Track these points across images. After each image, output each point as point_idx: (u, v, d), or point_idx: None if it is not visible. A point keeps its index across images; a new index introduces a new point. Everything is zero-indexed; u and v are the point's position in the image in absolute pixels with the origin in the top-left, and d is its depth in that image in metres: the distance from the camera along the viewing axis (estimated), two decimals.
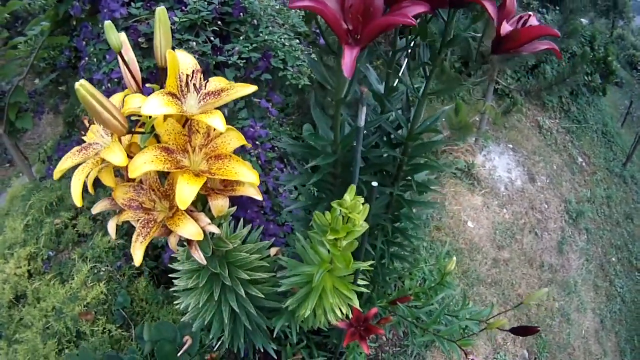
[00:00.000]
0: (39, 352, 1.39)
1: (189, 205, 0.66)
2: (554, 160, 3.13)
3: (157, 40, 0.67)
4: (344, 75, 0.78)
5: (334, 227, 0.69)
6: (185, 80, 0.69)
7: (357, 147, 0.85)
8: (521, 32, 0.83)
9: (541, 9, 3.53)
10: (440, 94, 0.99)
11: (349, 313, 1.12)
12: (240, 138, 0.81)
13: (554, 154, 3.18)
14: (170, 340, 1.33)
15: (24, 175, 2.29)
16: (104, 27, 0.76)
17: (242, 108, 1.66)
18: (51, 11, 1.70)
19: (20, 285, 1.67)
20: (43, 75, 2.43)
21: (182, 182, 0.67)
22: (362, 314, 1.22)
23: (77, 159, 0.75)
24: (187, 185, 0.67)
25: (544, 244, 2.55)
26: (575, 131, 3.40)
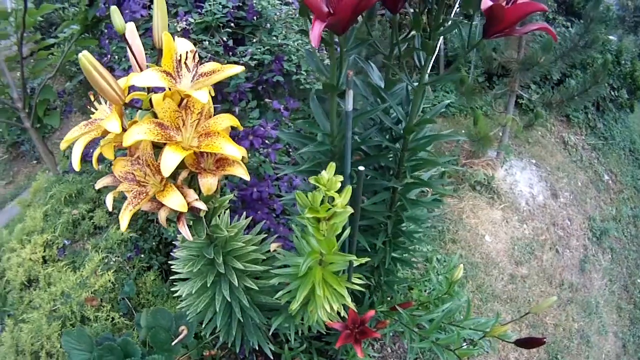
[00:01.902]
0: (42, 332, 1.48)
1: (171, 171, 0.73)
2: (578, 176, 3.06)
3: (155, 23, 0.75)
4: (314, 47, 0.84)
5: (313, 205, 0.74)
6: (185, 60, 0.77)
7: (347, 133, 0.90)
8: (506, 10, 0.82)
9: (565, 22, 3.51)
10: (436, 83, 1.02)
11: (340, 310, 1.13)
12: (232, 119, 0.88)
13: (579, 170, 3.11)
14: (165, 328, 1.39)
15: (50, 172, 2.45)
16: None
17: (254, 108, 1.73)
18: (81, 15, 1.85)
19: (33, 270, 1.78)
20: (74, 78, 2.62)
21: (168, 151, 0.74)
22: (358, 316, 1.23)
23: (83, 131, 0.84)
24: (171, 154, 0.73)
25: (565, 261, 2.49)
26: (601, 148, 3.32)
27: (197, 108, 0.84)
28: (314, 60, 0.95)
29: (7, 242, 1.92)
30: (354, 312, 1.21)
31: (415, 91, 1.06)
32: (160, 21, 0.74)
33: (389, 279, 1.62)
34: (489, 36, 0.87)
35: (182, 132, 0.82)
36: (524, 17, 0.84)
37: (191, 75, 0.79)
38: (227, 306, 1.29)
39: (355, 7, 0.68)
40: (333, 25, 0.71)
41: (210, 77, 0.78)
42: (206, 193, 0.90)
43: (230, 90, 1.59)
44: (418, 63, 1.05)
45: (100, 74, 0.69)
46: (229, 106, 1.66)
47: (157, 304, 1.91)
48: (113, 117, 0.76)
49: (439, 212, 2.68)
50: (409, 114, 1.13)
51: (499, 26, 0.85)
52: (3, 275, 1.83)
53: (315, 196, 0.72)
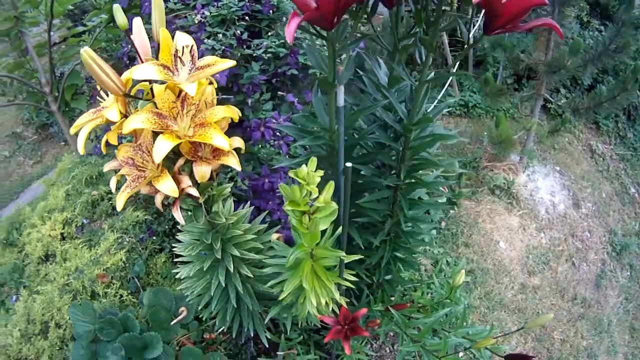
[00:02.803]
0: (54, 303, 1.60)
1: (162, 158, 0.79)
2: (603, 187, 2.97)
3: (153, 19, 0.81)
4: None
5: (293, 198, 0.78)
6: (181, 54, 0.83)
7: (339, 127, 0.94)
8: (505, 4, 0.79)
9: (599, 26, 3.39)
10: (437, 81, 1.02)
11: (330, 304, 1.16)
12: (228, 111, 0.94)
13: (605, 181, 3.02)
14: (166, 308, 1.47)
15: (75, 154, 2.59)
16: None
17: (267, 100, 1.78)
18: (109, 4, 1.96)
19: (52, 246, 1.91)
20: None
21: (160, 139, 0.80)
22: (350, 312, 1.27)
23: (90, 117, 0.92)
24: (163, 142, 0.79)
25: (580, 275, 2.44)
26: (630, 159, 3.21)
27: (194, 99, 0.90)
28: (314, 55, 0.98)
29: (29, 218, 2.06)
30: (345, 309, 1.25)
31: (417, 89, 1.05)
32: (158, 18, 0.80)
33: (391, 278, 1.63)
34: (490, 32, 0.85)
35: (179, 122, 0.88)
36: (525, 11, 0.81)
37: (188, 68, 0.84)
38: (224, 291, 1.36)
39: (332, 4, 0.71)
40: (317, 20, 0.74)
41: (204, 71, 0.84)
42: (200, 180, 0.96)
43: (245, 82, 1.64)
44: (419, 60, 1.05)
45: (101, 68, 0.75)
46: (243, 97, 1.71)
47: (165, 285, 2.01)
48: (113, 107, 0.83)
49: (453, 214, 2.68)
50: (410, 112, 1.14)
51: (498, 21, 0.82)
52: (22, 249, 1.97)
53: (294, 189, 0.77)
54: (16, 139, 3.73)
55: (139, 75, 0.77)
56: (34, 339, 1.58)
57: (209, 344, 1.86)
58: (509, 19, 0.81)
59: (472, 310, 2.14)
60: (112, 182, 1.00)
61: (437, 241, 2.48)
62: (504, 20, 0.81)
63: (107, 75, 0.78)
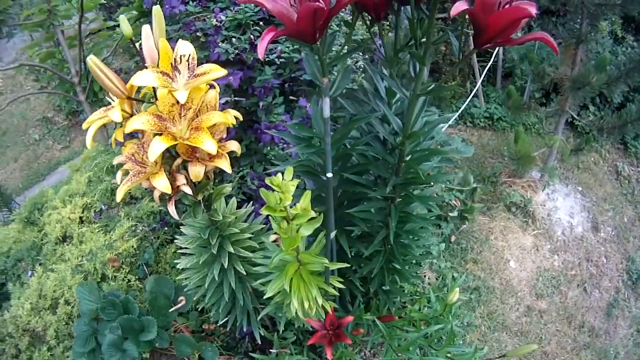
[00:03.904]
0: (66, 282, 1.72)
1: (156, 157, 0.86)
2: (625, 211, 2.89)
3: (154, 31, 0.89)
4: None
5: (269, 204, 0.84)
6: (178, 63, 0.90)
7: (325, 138, 0.99)
8: (490, 18, 0.77)
9: (633, 42, 3.28)
10: (430, 94, 1.04)
11: (313, 307, 1.21)
12: (223, 116, 1.01)
13: (628, 205, 2.93)
14: (166, 296, 1.57)
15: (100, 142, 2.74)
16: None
17: (280, 104, 1.84)
18: (137, 2, 2.07)
19: (70, 228, 2.04)
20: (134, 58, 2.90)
21: (156, 140, 0.88)
22: (336, 318, 1.31)
23: (100, 115, 1.01)
24: (158, 143, 0.87)
25: (591, 302, 2.39)
26: None
27: (193, 104, 0.98)
28: (309, 64, 1.02)
29: (51, 200, 2.21)
30: (332, 314, 1.30)
31: (410, 101, 1.06)
32: (157, 29, 0.88)
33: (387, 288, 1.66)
34: (479, 46, 0.85)
35: (177, 125, 0.96)
36: (512, 24, 0.79)
37: (186, 75, 0.92)
38: (219, 286, 1.44)
39: (311, 16, 0.75)
40: (296, 35, 0.80)
41: (200, 78, 0.91)
42: (194, 179, 1.04)
43: (258, 85, 1.71)
44: (413, 72, 1.07)
45: (105, 74, 0.84)
46: (256, 100, 1.78)
47: (173, 274, 2.11)
48: (117, 109, 0.91)
49: (465, 229, 2.67)
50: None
51: (486, 35, 0.81)
52: (42, 229, 2.11)
53: (269, 195, 0.83)
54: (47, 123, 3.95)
55: (140, 82, 0.85)
56: (43, 313, 1.71)
57: (208, 334, 1.95)
58: (497, 33, 0.80)
59: (472, 328, 2.14)
60: (118, 175, 1.09)
61: (445, 255, 2.48)
62: (492, 34, 0.80)
63: (110, 80, 0.86)
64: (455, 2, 0.75)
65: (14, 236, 2.22)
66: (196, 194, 1.14)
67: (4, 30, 2.36)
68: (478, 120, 3.60)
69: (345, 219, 1.29)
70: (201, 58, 1.61)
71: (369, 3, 0.85)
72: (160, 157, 0.97)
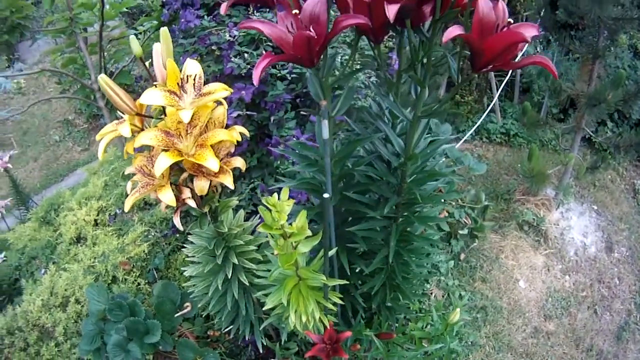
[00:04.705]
0: (77, 281, 1.79)
1: (162, 172, 0.91)
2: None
3: (162, 51, 0.94)
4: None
5: (266, 222, 0.88)
6: (185, 82, 0.95)
7: (325, 159, 1.02)
8: (485, 42, 0.77)
9: None
10: (431, 116, 1.05)
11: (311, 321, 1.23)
12: (228, 134, 1.05)
13: None
14: (172, 301, 1.62)
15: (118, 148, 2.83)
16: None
17: (292, 118, 1.87)
18: (157, 12, 2.15)
19: (84, 229, 2.12)
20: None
21: (162, 156, 0.92)
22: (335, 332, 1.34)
23: (112, 128, 1.06)
24: (164, 158, 0.92)
25: (601, 325, 2.34)
26: None
27: (200, 122, 1.03)
28: (312, 85, 1.05)
29: (67, 201, 2.29)
30: (332, 329, 1.33)
31: (411, 123, 1.07)
32: (165, 49, 0.93)
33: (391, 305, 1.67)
34: (477, 70, 0.85)
35: (183, 141, 1.00)
36: (508, 49, 0.79)
37: (193, 94, 0.96)
38: (222, 295, 1.48)
39: (305, 44, 0.78)
40: (294, 60, 0.83)
41: (205, 97, 0.95)
42: (199, 193, 1.08)
43: (270, 100, 1.75)
44: (414, 94, 1.09)
45: (115, 92, 0.89)
46: (268, 114, 1.81)
47: (182, 280, 2.16)
48: (126, 124, 0.96)
49: (476, 247, 2.66)
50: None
51: (482, 59, 0.81)
52: (57, 229, 2.19)
53: (265, 214, 0.86)
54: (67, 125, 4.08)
55: (147, 100, 0.90)
56: (53, 310, 1.78)
57: (212, 340, 1.99)
58: (494, 57, 0.81)
59: (476, 348, 2.13)
60: (128, 186, 1.14)
61: (454, 273, 2.48)
62: (488, 58, 0.81)
63: (120, 97, 0.92)
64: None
65: (30, 234, 2.31)
66: (202, 207, 1.18)
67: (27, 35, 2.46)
68: (494, 135, 3.58)
69: (347, 236, 1.31)
70: (215, 72, 1.67)
71: (366, 28, 0.88)
72: (167, 170, 1.01)
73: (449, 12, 0.92)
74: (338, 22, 0.80)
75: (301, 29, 0.81)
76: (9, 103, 4.69)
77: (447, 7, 0.91)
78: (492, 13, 0.79)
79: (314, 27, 0.79)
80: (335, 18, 0.82)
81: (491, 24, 0.80)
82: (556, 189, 2.97)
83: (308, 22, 0.81)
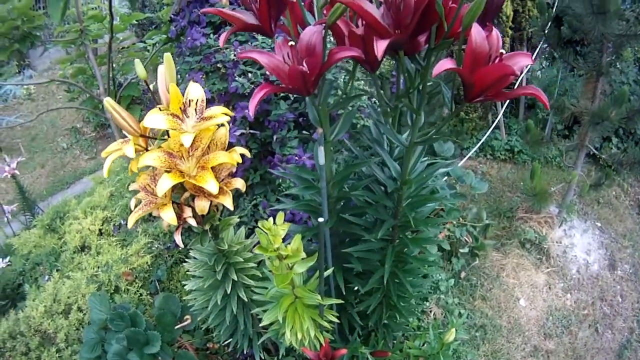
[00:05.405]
0: (80, 289, 1.83)
1: (164, 192, 0.95)
2: None
3: (165, 75, 0.99)
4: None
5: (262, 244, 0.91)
6: (187, 106, 0.99)
7: (321, 183, 1.05)
8: (475, 76, 0.78)
9: None
10: (427, 143, 1.08)
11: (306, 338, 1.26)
12: (229, 157, 1.08)
13: None
14: (173, 313, 1.65)
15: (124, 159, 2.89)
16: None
17: (295, 137, 1.89)
18: (166, 26, 2.22)
19: (89, 239, 2.17)
20: None
21: (164, 176, 0.96)
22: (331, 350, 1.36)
23: (117, 147, 1.11)
24: (166, 179, 0.96)
25: (602, 343, 2.34)
26: None
27: (202, 144, 1.07)
28: (311, 109, 1.08)
29: (73, 210, 2.34)
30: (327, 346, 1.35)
31: (407, 149, 1.10)
32: (168, 74, 0.97)
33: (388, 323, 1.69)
34: (469, 100, 0.87)
35: (185, 162, 1.04)
36: (497, 81, 0.80)
37: (195, 118, 1.01)
38: (221, 309, 1.51)
39: (300, 76, 0.81)
40: (291, 90, 0.87)
41: (204, 122, 0.99)
42: (200, 212, 1.12)
43: (272, 119, 1.78)
44: (410, 121, 1.13)
45: (119, 114, 0.94)
46: (271, 133, 1.84)
47: (183, 293, 2.20)
48: (130, 145, 1.00)
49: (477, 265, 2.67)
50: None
51: (474, 91, 0.83)
52: (62, 237, 2.24)
53: (261, 236, 0.90)
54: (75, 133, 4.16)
55: (150, 124, 0.94)
56: (55, 317, 1.82)
57: (212, 353, 2.02)
58: (483, 89, 0.82)
59: None
60: (132, 202, 1.18)
61: (454, 291, 2.49)
62: (479, 90, 0.83)
63: (124, 120, 0.96)
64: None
65: (35, 241, 2.36)
66: (203, 224, 1.22)
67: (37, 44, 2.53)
68: (498, 152, 3.60)
69: (343, 256, 1.34)
70: (220, 90, 1.71)
71: (361, 60, 0.91)
72: (169, 190, 1.05)
73: (443, 43, 0.97)
74: (332, 54, 0.84)
75: (298, 59, 0.85)
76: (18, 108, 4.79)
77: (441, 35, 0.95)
78: (485, 43, 0.82)
79: (309, 59, 0.82)
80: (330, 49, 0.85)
81: (484, 54, 0.82)
82: (559, 207, 2.98)
83: (304, 53, 0.85)
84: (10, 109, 4.78)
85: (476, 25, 0.83)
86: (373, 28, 0.83)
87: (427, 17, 0.89)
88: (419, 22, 0.88)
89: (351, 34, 0.87)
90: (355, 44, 0.88)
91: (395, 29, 0.86)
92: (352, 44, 0.88)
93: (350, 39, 0.88)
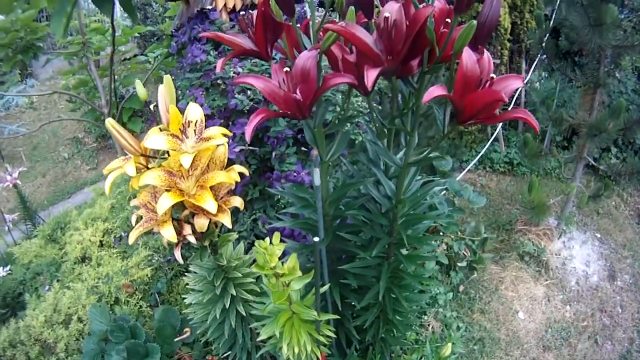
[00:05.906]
0: (81, 300, 1.86)
1: (164, 211, 0.98)
2: None
3: (164, 97, 1.02)
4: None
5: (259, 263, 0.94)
6: (187, 127, 1.03)
7: (317, 203, 1.08)
8: (466, 101, 0.80)
9: None
10: (421, 164, 1.11)
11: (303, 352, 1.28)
12: (227, 176, 1.12)
13: None
14: (172, 326, 1.68)
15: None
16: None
17: (293, 153, 1.91)
18: (166, 40, 2.27)
19: (90, 250, 2.19)
20: None
21: (164, 195, 0.99)
22: None
23: (118, 165, 1.14)
24: (166, 198, 0.99)
25: (602, 354, 2.35)
26: None
27: (201, 163, 1.10)
28: (308, 131, 1.12)
29: (74, 221, 2.38)
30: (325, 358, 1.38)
31: (401, 170, 1.13)
32: (167, 96, 1.01)
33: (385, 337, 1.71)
34: (460, 124, 0.89)
35: (185, 181, 1.08)
36: (487, 106, 0.82)
37: (194, 138, 1.04)
38: (220, 323, 1.54)
39: (294, 103, 0.85)
40: (286, 115, 0.90)
41: (203, 143, 1.02)
42: (199, 230, 1.15)
43: (271, 135, 1.80)
44: (404, 142, 1.15)
45: (121, 134, 0.97)
46: (270, 149, 1.87)
47: (183, 305, 2.22)
48: (131, 163, 1.04)
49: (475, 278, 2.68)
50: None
51: (464, 115, 0.85)
52: (63, 248, 2.27)
53: (258, 255, 0.93)
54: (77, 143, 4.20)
55: (151, 145, 0.97)
56: (56, 327, 1.85)
57: None
58: (474, 114, 0.85)
59: None
60: (133, 218, 1.21)
61: (452, 304, 2.51)
62: (470, 115, 0.85)
63: (125, 140, 0.99)
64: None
65: (36, 251, 2.39)
66: (203, 240, 1.25)
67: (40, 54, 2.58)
68: (498, 165, 3.62)
69: (340, 272, 1.37)
70: (220, 106, 1.75)
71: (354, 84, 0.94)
72: (169, 208, 1.08)
73: (435, 67, 1.00)
74: (326, 80, 0.87)
75: (292, 85, 0.89)
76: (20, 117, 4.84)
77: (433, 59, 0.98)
78: (476, 67, 0.85)
79: (303, 85, 0.86)
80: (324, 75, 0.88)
81: (475, 78, 0.85)
82: (558, 219, 3.00)
83: (299, 78, 0.89)
84: (12, 118, 4.83)
85: (467, 49, 0.86)
86: (365, 55, 0.86)
87: (418, 42, 0.92)
88: (411, 47, 0.91)
89: (344, 60, 0.91)
90: (349, 70, 0.91)
91: (387, 55, 0.90)
92: (346, 69, 0.92)
93: (344, 65, 0.91)
